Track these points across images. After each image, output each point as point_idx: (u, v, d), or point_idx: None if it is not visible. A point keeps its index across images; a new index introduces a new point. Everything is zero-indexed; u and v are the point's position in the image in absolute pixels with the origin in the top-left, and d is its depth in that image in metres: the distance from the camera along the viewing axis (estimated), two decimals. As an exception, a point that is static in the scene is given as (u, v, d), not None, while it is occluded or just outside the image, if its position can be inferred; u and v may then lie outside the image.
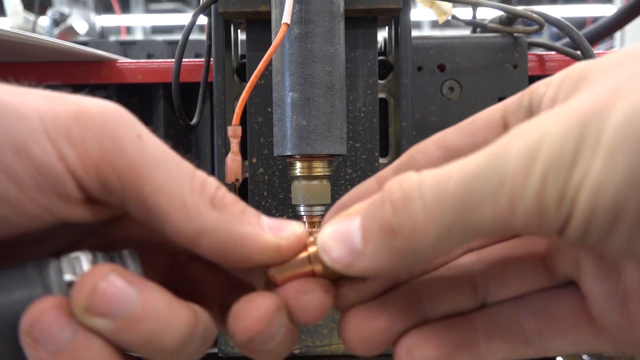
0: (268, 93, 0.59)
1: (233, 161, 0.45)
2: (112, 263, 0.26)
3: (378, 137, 0.61)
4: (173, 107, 0.62)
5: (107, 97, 0.70)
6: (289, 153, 0.49)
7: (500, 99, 0.71)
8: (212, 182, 0.27)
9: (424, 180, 0.24)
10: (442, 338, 0.29)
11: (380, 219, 0.25)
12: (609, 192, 0.20)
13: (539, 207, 0.22)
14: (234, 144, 0.45)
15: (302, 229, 0.28)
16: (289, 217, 0.60)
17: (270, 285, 0.29)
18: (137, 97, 0.71)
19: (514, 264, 0.31)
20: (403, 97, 0.61)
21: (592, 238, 0.22)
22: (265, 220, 0.28)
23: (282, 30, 0.45)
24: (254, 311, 0.27)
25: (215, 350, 0.62)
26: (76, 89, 0.69)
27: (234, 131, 0.45)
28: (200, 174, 0.27)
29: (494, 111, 0.31)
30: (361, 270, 0.26)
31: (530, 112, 0.29)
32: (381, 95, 0.64)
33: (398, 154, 0.63)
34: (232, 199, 0.27)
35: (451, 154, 0.31)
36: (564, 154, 0.21)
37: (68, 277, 0.25)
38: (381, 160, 0.64)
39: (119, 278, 0.25)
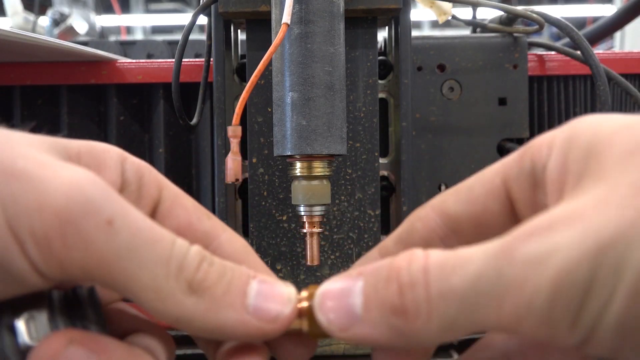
0: (268, 93, 0.59)
1: (233, 161, 0.45)
2: (72, 325, 0.26)
3: (378, 137, 0.61)
4: (173, 107, 0.62)
5: (107, 97, 0.70)
6: (289, 153, 0.49)
7: (500, 99, 0.71)
8: (191, 259, 0.25)
9: (430, 269, 0.23)
10: None
11: (386, 295, 0.24)
12: (638, 336, 0.20)
13: (549, 325, 0.21)
14: (234, 144, 0.45)
15: (291, 303, 0.27)
16: (288, 217, 0.60)
17: None
18: (137, 97, 0.71)
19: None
20: (403, 97, 0.61)
21: None
22: (252, 293, 0.26)
23: (282, 30, 0.45)
24: None
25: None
26: (76, 89, 0.69)
27: (234, 131, 0.45)
28: (179, 251, 0.25)
29: (493, 176, 0.29)
30: (356, 337, 0.25)
31: (534, 180, 0.27)
32: (381, 95, 0.64)
33: (398, 154, 0.63)
34: (214, 276, 0.25)
35: (451, 223, 0.30)
36: (577, 276, 0.20)
37: (24, 341, 0.24)
38: (381, 160, 0.64)
39: (78, 348, 0.24)
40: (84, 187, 0.23)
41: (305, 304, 0.27)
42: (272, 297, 0.26)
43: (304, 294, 0.27)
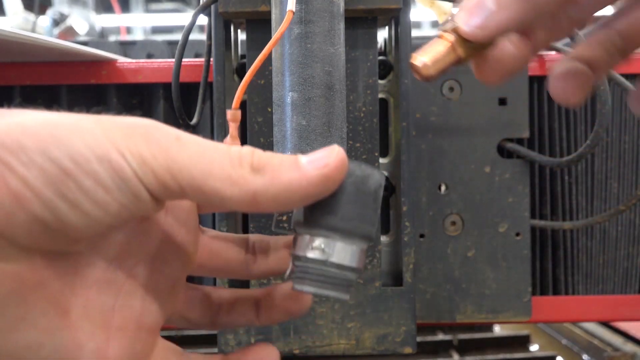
0: (268, 93, 0.59)
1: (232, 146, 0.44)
2: None
3: (378, 137, 0.60)
4: (173, 107, 0.62)
5: (107, 97, 0.70)
6: (289, 153, 0.49)
7: (500, 99, 0.71)
8: (245, 150, 0.30)
9: None
10: None
11: None
12: None
13: None
14: (233, 128, 0.44)
15: (335, 151, 0.31)
16: (288, 217, 0.60)
17: None
18: (137, 97, 0.71)
19: None
20: (403, 97, 0.61)
21: None
22: (303, 159, 0.31)
23: (288, 17, 0.44)
24: None
25: (216, 350, 0.62)
26: (76, 89, 0.69)
27: (233, 115, 0.43)
28: (235, 149, 0.30)
29: None
30: (495, 26, 0.31)
31: None
32: (381, 95, 0.64)
33: (398, 154, 0.63)
34: (267, 157, 0.30)
35: None
36: None
37: None
38: (381, 160, 0.64)
39: None
40: (152, 121, 0.30)
41: (451, 36, 0.34)
42: (319, 154, 0.31)
43: (447, 26, 0.34)
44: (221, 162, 0.29)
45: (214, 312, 0.39)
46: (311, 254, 0.32)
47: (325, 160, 0.30)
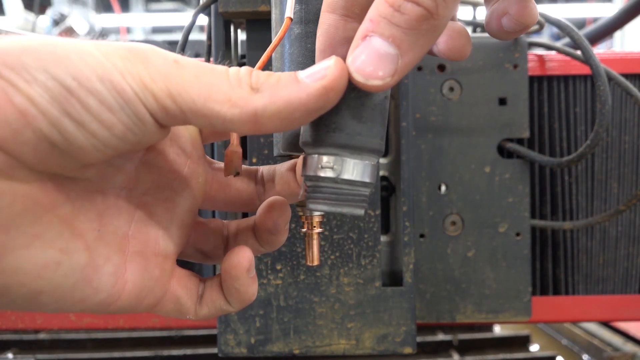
0: (268, 93, 0.59)
1: (233, 153, 0.45)
2: None
3: (378, 137, 0.60)
4: (173, 107, 0.62)
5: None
6: (289, 153, 0.49)
7: (501, 99, 0.71)
8: (243, 71, 0.30)
9: None
10: None
11: (407, 16, 0.28)
12: None
13: None
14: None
15: (333, 59, 0.30)
16: (289, 217, 0.60)
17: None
18: (137, 97, 0.71)
19: None
20: (403, 97, 0.61)
21: None
22: (301, 74, 0.30)
23: (286, 23, 0.44)
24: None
25: (215, 350, 0.62)
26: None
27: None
28: (233, 70, 0.30)
29: None
30: (407, 68, 0.29)
31: None
32: (381, 95, 0.64)
33: (398, 154, 0.63)
34: (264, 75, 0.30)
35: None
36: None
37: None
38: (381, 160, 0.64)
39: None
40: (149, 45, 0.30)
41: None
42: (316, 67, 0.30)
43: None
44: (220, 84, 0.29)
45: (224, 243, 0.39)
46: (321, 173, 0.32)
47: (324, 72, 0.29)
